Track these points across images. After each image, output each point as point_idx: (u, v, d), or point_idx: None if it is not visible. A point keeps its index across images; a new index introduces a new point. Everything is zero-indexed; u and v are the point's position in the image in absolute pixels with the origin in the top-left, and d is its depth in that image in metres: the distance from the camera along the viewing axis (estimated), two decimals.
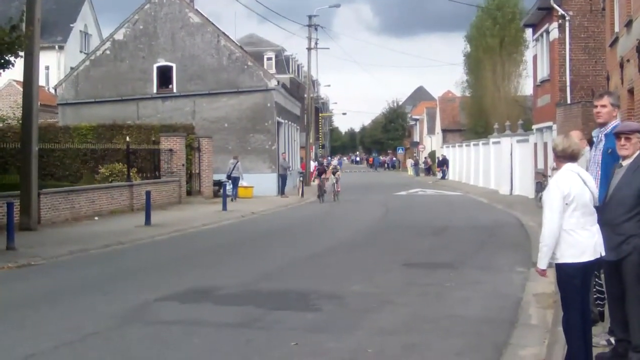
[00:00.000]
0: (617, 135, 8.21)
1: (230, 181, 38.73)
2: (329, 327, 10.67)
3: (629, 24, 20.49)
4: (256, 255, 19.18)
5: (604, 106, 9.03)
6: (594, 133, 9.60)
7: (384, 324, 10.82)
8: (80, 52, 61.49)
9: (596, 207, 7.72)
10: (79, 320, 11.15)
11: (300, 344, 9.64)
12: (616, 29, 23.65)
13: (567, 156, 7.61)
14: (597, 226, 7.62)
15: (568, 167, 7.58)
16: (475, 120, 67.74)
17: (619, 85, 22.49)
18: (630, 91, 20.45)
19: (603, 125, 9.12)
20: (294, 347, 9.51)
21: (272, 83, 45.19)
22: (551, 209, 7.52)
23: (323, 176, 42.47)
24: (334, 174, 43.11)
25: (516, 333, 10.25)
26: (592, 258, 7.48)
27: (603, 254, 7.60)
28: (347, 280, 14.56)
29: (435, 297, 12.89)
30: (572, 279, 7.54)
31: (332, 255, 18.80)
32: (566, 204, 7.43)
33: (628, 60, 20.69)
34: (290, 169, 48.77)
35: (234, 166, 39.30)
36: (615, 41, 23.51)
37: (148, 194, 26.64)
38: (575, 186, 7.46)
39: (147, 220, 25.46)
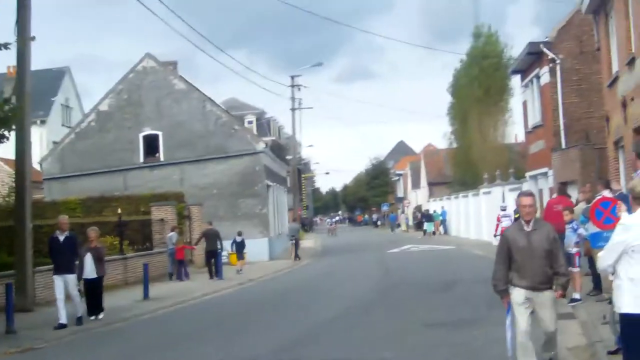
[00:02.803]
0: None
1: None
2: None
3: (631, 62, 20.16)
4: (269, 323, 18.42)
5: None
6: None
7: None
8: (62, 125, 61.05)
9: None
10: None
11: None
12: (615, 69, 23.32)
13: None
14: None
15: None
16: (463, 171, 67.42)
17: (622, 126, 22.11)
18: (637, 130, 20.06)
19: None
20: None
21: (260, 146, 44.87)
22: (610, 250, 7.27)
23: None
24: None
25: None
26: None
27: None
28: (373, 345, 14.02)
29: (469, 357, 12.27)
30: (634, 331, 7.04)
31: (347, 318, 18.14)
32: (632, 250, 6.95)
33: (632, 99, 20.33)
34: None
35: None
36: (614, 81, 23.16)
37: (146, 266, 25.90)
38: None
39: (146, 294, 24.73)
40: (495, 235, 35.46)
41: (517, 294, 10.02)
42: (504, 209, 37.22)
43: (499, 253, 10.25)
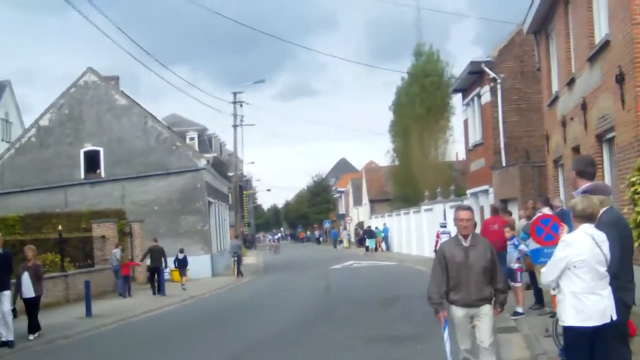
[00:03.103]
0: None
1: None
2: None
3: (571, 83, 20.52)
4: (212, 340, 18.33)
5: None
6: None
7: None
8: (2, 140, 60.17)
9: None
10: None
11: None
12: (554, 89, 23.73)
13: (585, 216, 7.27)
14: (609, 289, 7.28)
15: (584, 228, 7.24)
16: (404, 188, 67.83)
17: (562, 144, 22.50)
18: (575, 149, 20.41)
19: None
20: None
21: (202, 163, 44.73)
22: (553, 266, 7.43)
23: None
24: None
25: None
26: (599, 323, 7.15)
27: (614, 317, 7.24)
28: None
29: None
30: (577, 344, 7.27)
31: (291, 334, 18.13)
32: (574, 266, 7.16)
33: (572, 119, 20.69)
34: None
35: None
36: (554, 101, 23.56)
37: (87, 284, 25.59)
38: (587, 250, 7.12)
39: (88, 311, 24.47)
40: (435, 252, 35.53)
41: (455, 312, 9.85)
42: (443, 225, 37.41)
43: (434, 267, 9.93)
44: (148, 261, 34.34)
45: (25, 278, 19.58)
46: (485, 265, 9.57)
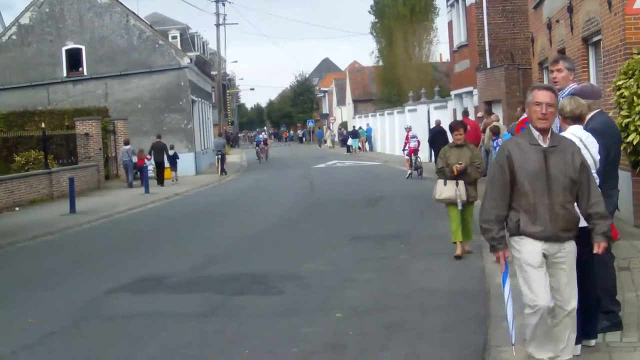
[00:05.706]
0: None
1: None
2: (298, 310, 10.19)
3: None
4: (195, 237, 18.49)
5: (559, 70, 8.66)
6: None
7: (354, 303, 10.35)
8: None
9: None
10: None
11: (274, 330, 9.16)
12: None
13: (575, 118, 7.27)
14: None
15: (572, 129, 7.22)
16: (388, 89, 67.70)
17: (547, 47, 22.42)
18: (561, 51, 20.30)
19: (560, 90, 8.83)
20: (271, 334, 9.00)
21: (185, 61, 44.40)
22: None
23: None
24: None
25: (494, 304, 9.85)
26: (585, 223, 7.13)
27: None
28: (298, 258, 14.13)
29: (396, 272, 12.49)
30: None
31: (273, 232, 18.29)
32: None
33: (557, 21, 20.56)
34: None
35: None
36: (540, 3, 23.39)
37: (71, 180, 25.57)
38: None
39: (72, 208, 24.48)
40: (404, 150, 34.55)
41: (531, 250, 6.45)
42: (409, 128, 36.05)
43: (494, 179, 6.58)
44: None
45: None
46: (574, 177, 6.44)
